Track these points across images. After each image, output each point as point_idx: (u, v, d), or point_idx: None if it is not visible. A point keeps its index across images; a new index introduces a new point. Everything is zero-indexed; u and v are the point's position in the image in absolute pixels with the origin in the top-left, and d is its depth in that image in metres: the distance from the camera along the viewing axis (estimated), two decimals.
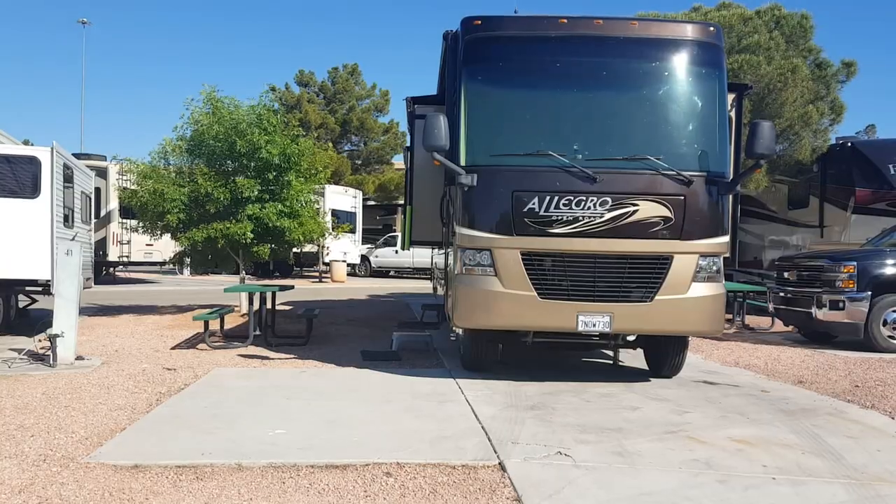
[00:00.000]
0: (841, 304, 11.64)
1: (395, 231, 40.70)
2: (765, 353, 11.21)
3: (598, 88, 8.14)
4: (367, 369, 9.08)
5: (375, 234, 40.66)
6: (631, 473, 5.10)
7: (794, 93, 14.35)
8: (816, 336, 12.90)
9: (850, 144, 17.26)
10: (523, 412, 6.77)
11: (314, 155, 15.16)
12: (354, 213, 33.90)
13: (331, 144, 36.17)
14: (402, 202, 44.70)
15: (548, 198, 7.78)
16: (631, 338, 8.76)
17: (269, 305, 12.24)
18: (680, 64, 8.23)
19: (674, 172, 7.82)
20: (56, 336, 9.14)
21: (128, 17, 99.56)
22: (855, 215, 16.81)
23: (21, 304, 13.69)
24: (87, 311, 16.67)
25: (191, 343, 11.45)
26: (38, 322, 13.88)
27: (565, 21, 8.17)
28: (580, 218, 7.77)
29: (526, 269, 7.85)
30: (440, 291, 13.13)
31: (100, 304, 17.94)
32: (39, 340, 9.58)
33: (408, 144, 13.63)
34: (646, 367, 9.29)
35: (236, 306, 17.07)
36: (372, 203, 41.45)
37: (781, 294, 13.01)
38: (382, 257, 35.54)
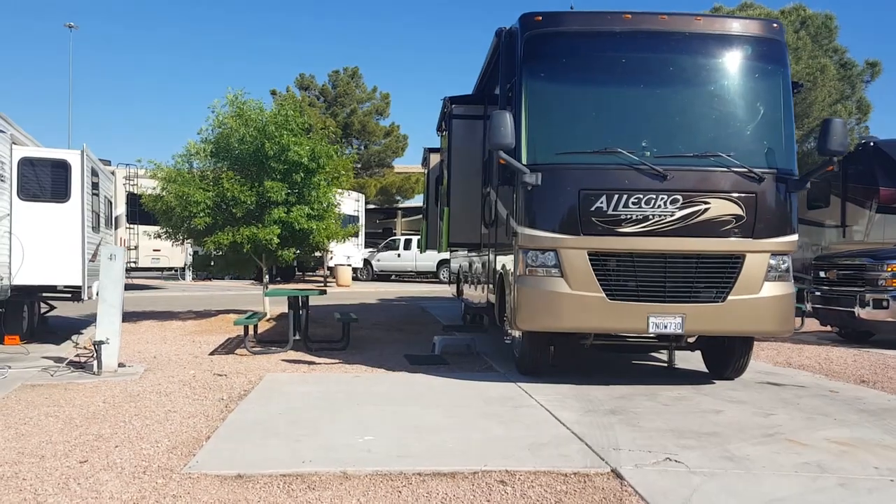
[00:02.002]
0: (885, 303, 11.54)
1: (395, 235, 40.50)
2: (812, 354, 11.07)
3: (665, 84, 7.98)
4: (420, 373, 8.87)
5: (375, 237, 40.44)
6: (750, 479, 4.92)
7: (822, 92, 14.29)
8: (853, 336, 12.80)
9: (872, 144, 17.19)
10: (606, 417, 6.58)
11: (342, 158, 14.92)
12: (357, 217, 33.62)
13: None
14: (402, 206, 44.63)
15: (616, 196, 7.61)
16: (691, 339, 8.61)
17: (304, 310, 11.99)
18: (746, 60, 8.09)
19: (745, 169, 7.67)
20: (101, 343, 8.88)
21: (121, 19, 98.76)
22: (879, 214, 16.73)
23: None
24: None
25: (228, 348, 11.21)
26: (59, 329, 13.63)
27: (629, 17, 8.01)
28: (650, 216, 7.60)
29: (594, 270, 7.66)
30: (469, 294, 12.92)
31: None
32: (85, 347, 9.29)
33: (417, 147, 13.44)
34: (700, 369, 9.13)
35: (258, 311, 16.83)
36: (372, 207, 41.22)
37: (819, 294, 12.88)
38: (385, 261, 35.31)
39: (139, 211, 21.55)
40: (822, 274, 12.99)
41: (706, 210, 7.62)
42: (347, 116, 38.79)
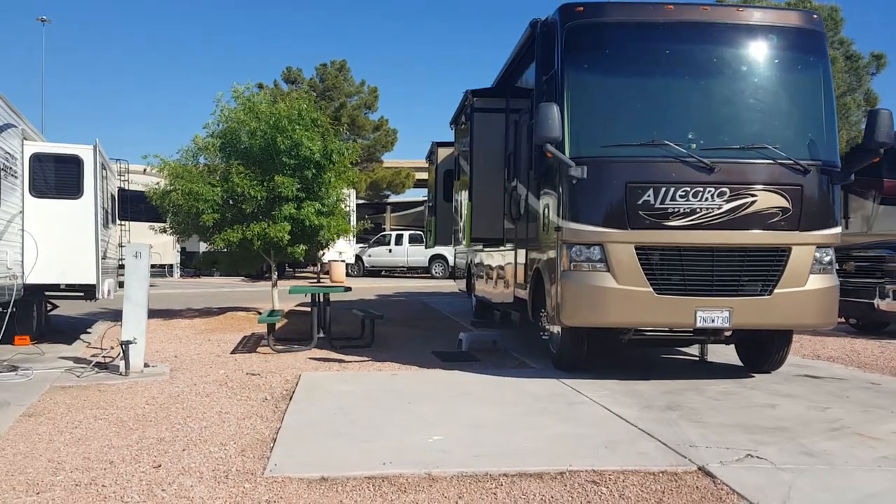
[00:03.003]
0: None
1: (384, 230, 40.24)
2: (836, 346, 11.09)
3: (708, 76, 7.90)
4: (456, 370, 8.75)
5: (365, 233, 40.09)
6: (837, 475, 4.85)
7: None
8: (869, 327, 12.87)
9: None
10: (665, 413, 6.50)
11: (353, 152, 14.70)
12: (349, 212, 33.32)
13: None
14: (391, 201, 44.42)
15: (664, 189, 7.52)
16: (728, 332, 8.56)
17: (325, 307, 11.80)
18: (788, 51, 8.05)
19: (791, 161, 7.62)
20: (129, 343, 8.65)
21: (100, 13, 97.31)
22: (882, 206, 16.82)
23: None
24: (104, 316, 16.09)
25: (248, 347, 11.00)
26: (64, 329, 13.33)
27: (671, 7, 7.92)
28: (697, 210, 7.52)
29: (641, 264, 7.58)
30: (488, 290, 12.80)
31: (110, 308, 17.27)
32: (102, 348, 9.05)
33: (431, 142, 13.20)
34: (732, 363, 9.10)
35: (264, 309, 16.60)
36: (361, 202, 40.90)
37: None
38: (376, 256, 35.12)
39: (130, 207, 21.21)
40: (840, 266, 13.00)
41: (753, 203, 7.56)
42: (336, 111, 38.35)
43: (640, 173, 7.59)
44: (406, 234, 34.66)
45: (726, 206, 7.53)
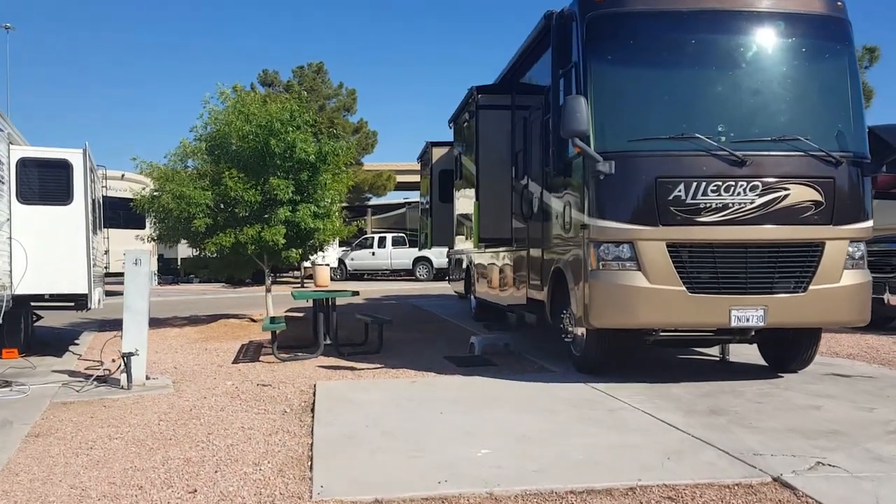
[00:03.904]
0: None
1: (365, 233, 39.74)
2: (849, 342, 10.91)
3: (735, 66, 7.62)
4: (476, 376, 8.40)
5: (360, 233, 39.40)
6: None
7: None
8: (877, 322, 12.70)
9: (868, 129, 17.22)
10: (711, 418, 6.21)
11: (348, 152, 14.30)
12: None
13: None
14: (371, 203, 43.93)
15: (695, 184, 7.25)
16: (754, 332, 8.29)
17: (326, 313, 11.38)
18: (815, 39, 7.82)
19: (823, 153, 7.39)
20: (130, 355, 8.20)
21: (70, 17, 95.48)
22: (876, 200, 16.74)
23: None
24: (88, 326, 15.57)
25: (249, 356, 10.57)
26: (49, 340, 12.77)
27: None
28: (730, 205, 7.26)
29: (673, 262, 7.30)
30: (493, 293, 12.47)
31: (93, 318, 16.66)
32: (114, 361, 8.58)
33: (424, 142, 12.86)
34: (753, 362, 8.87)
35: (256, 315, 16.13)
36: (342, 205, 40.38)
37: None
38: (358, 260, 34.62)
39: (108, 213, 20.61)
40: None
41: (786, 197, 7.32)
42: (315, 113, 37.93)
43: (670, 168, 7.31)
44: (389, 236, 34.24)
45: (759, 201, 7.28)
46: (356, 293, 12.63)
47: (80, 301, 10.97)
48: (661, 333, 7.90)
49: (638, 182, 7.36)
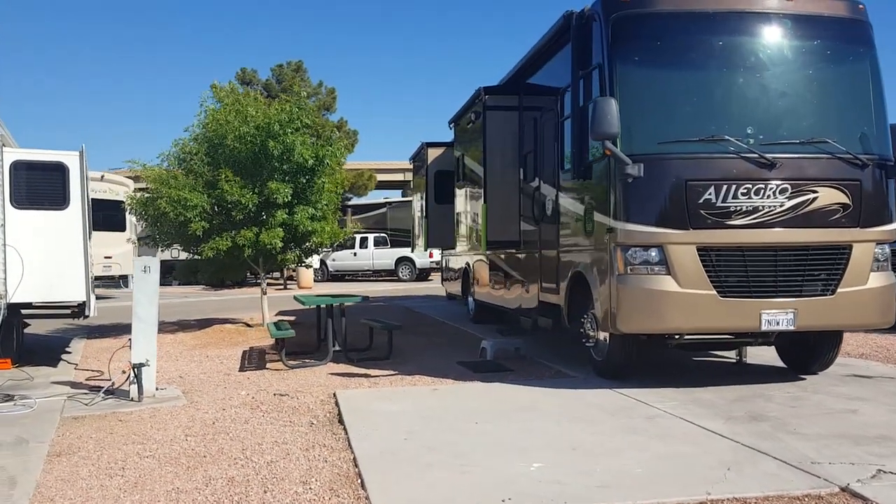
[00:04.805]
0: None
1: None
2: (858, 342, 10.91)
3: (762, 67, 7.55)
4: (496, 383, 8.26)
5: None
6: None
7: None
8: None
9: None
10: (754, 424, 6.12)
11: (343, 153, 14.08)
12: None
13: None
14: (351, 203, 43.55)
15: (725, 187, 7.17)
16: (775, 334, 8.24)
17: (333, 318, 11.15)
18: (840, 41, 7.81)
19: (850, 156, 7.36)
20: (141, 365, 7.93)
21: (45, 11, 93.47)
22: None
23: None
24: (76, 332, 15.18)
25: (255, 363, 10.33)
26: (37, 349, 12.36)
27: None
28: (760, 207, 7.19)
29: (704, 266, 7.21)
30: (498, 295, 12.32)
31: (78, 324, 16.22)
32: (123, 373, 8.28)
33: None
34: (770, 364, 8.84)
35: (248, 319, 15.84)
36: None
37: None
38: (340, 260, 34.24)
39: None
40: None
41: (815, 199, 7.27)
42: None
43: (701, 170, 7.22)
44: (371, 236, 33.92)
45: (788, 204, 7.22)
46: (366, 298, 12.35)
47: (77, 309, 10.63)
48: (686, 337, 7.83)
49: (667, 185, 7.26)
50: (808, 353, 8.38)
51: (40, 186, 10.23)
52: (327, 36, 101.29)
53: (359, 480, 4.86)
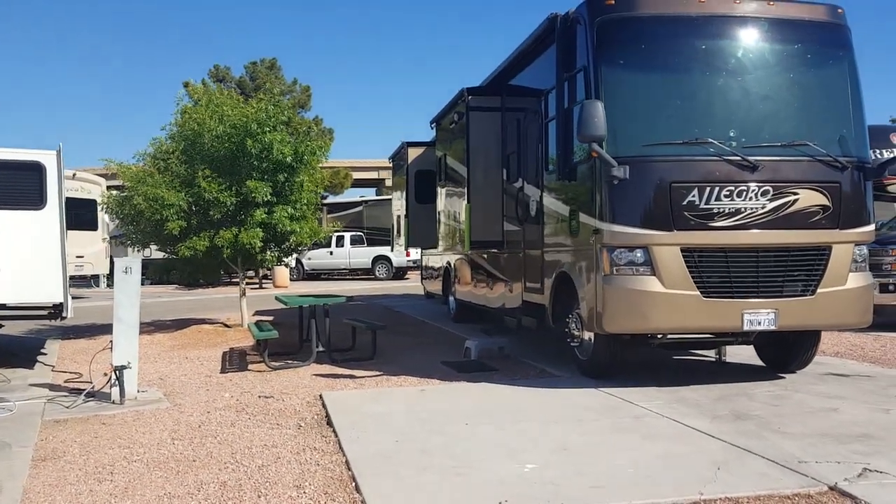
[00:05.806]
0: (891, 287, 11.81)
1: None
2: (834, 341, 11.09)
3: (745, 71, 7.66)
4: (482, 382, 8.29)
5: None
6: None
7: None
8: None
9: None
10: (739, 423, 6.21)
11: (323, 151, 13.99)
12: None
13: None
14: (327, 202, 43.33)
15: (708, 189, 7.26)
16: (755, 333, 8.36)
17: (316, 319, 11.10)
18: (819, 45, 7.96)
19: (830, 158, 7.49)
20: (123, 368, 7.85)
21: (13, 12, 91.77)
22: None
23: None
24: (49, 333, 14.97)
25: (237, 364, 10.27)
26: (9, 349, 12.17)
27: (703, 0, 7.66)
28: (742, 209, 7.30)
29: (687, 267, 7.30)
30: (481, 295, 12.35)
31: (52, 324, 15.97)
32: (105, 375, 8.19)
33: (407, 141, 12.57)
34: (749, 363, 8.97)
35: (225, 319, 15.71)
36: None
37: None
38: (316, 259, 34.04)
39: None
40: None
41: (795, 201, 7.39)
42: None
43: (685, 173, 7.31)
44: (347, 235, 33.76)
45: (770, 206, 7.33)
46: (350, 299, 12.32)
47: (54, 310, 10.48)
48: (669, 337, 7.93)
49: (652, 187, 7.34)
50: (786, 351, 8.51)
51: (17, 186, 10.10)
52: (303, 32, 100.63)
53: (353, 484, 4.85)
